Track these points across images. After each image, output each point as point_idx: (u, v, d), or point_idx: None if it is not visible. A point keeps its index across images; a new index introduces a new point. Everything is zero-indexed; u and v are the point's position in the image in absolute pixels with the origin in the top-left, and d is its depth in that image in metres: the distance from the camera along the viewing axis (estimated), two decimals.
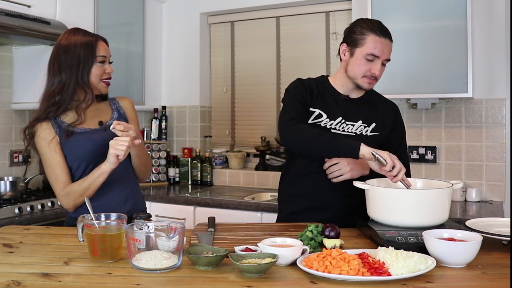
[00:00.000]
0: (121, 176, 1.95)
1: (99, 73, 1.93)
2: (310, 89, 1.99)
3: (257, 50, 3.87)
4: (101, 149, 1.88)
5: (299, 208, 2.02)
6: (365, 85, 1.95)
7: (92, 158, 1.90)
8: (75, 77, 1.89)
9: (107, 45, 1.98)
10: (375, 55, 1.89)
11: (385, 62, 1.93)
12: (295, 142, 1.89)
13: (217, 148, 3.97)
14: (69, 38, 1.91)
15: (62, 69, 1.90)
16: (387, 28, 1.94)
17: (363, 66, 1.91)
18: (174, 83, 4.01)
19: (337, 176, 1.92)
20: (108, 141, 1.87)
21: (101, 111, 2.02)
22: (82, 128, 1.93)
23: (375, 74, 1.91)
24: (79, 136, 1.91)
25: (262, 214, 3.01)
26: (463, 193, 3.02)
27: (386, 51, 1.91)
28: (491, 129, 3.04)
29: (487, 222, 1.70)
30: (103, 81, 1.96)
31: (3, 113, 3.11)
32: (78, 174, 1.92)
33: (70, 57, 1.89)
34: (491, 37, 3.00)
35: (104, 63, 1.94)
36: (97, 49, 1.92)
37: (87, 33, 1.95)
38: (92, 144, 1.91)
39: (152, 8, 3.84)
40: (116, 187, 1.94)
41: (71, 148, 1.89)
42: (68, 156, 1.90)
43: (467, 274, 1.33)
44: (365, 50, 1.89)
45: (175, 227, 1.38)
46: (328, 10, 3.60)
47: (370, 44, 1.88)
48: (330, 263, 1.28)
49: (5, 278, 1.27)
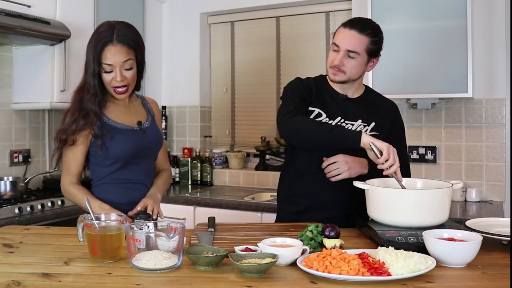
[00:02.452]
0: (144, 181, 1.97)
1: (107, 81, 1.83)
2: (309, 88, 2.00)
3: (257, 50, 3.87)
4: (139, 151, 1.90)
5: (299, 208, 2.02)
6: (331, 76, 1.97)
7: (128, 160, 1.89)
8: (87, 79, 1.83)
9: (124, 46, 1.79)
10: (336, 44, 1.91)
11: (352, 54, 1.90)
12: (294, 133, 1.87)
13: (217, 148, 3.97)
14: (94, 32, 1.84)
15: (85, 66, 1.85)
16: (364, 21, 1.97)
17: (330, 58, 1.95)
18: (174, 83, 4.01)
19: (335, 175, 1.92)
20: (146, 144, 1.91)
21: (136, 109, 1.99)
22: (122, 125, 1.89)
23: (335, 63, 1.91)
24: (122, 135, 1.87)
25: (262, 214, 3.01)
26: (463, 193, 3.02)
27: (346, 41, 1.89)
28: (491, 129, 3.04)
29: (487, 222, 1.70)
30: (114, 89, 1.84)
31: (3, 113, 3.11)
32: (107, 172, 1.89)
33: (86, 55, 1.84)
34: (491, 37, 3.00)
35: (111, 72, 1.81)
36: (103, 56, 1.79)
37: (102, 31, 1.80)
38: (133, 146, 1.88)
39: (152, 8, 3.84)
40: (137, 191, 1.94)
41: (114, 146, 1.85)
42: (106, 153, 1.85)
43: (467, 274, 1.33)
44: (332, 42, 1.94)
45: (175, 227, 1.39)
46: (328, 10, 3.60)
47: (336, 35, 1.93)
48: (330, 263, 1.28)
49: (5, 278, 1.27)
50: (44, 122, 3.34)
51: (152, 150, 2.01)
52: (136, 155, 1.90)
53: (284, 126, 1.88)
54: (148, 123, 1.98)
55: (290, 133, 1.90)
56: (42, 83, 3.00)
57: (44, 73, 2.99)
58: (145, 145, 1.93)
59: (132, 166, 1.91)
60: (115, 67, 1.80)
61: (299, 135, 1.86)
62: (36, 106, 3.13)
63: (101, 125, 1.84)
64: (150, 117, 2.02)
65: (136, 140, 1.89)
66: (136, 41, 1.85)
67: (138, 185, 1.94)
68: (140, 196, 1.92)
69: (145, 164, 1.97)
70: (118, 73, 1.81)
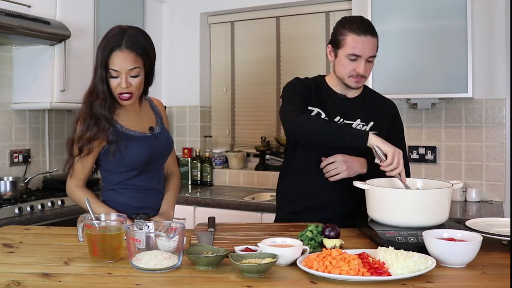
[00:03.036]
0: (157, 187, 1.97)
1: (113, 87, 1.78)
2: (309, 87, 1.99)
3: (257, 50, 3.87)
4: (153, 158, 1.89)
5: (299, 208, 2.01)
6: (352, 84, 1.94)
7: (143, 167, 1.87)
8: (97, 82, 1.78)
9: (132, 53, 1.74)
10: (356, 55, 1.88)
11: (370, 59, 1.90)
12: (301, 130, 1.85)
13: (217, 148, 3.97)
14: (105, 36, 1.78)
15: (94, 70, 1.79)
16: (368, 23, 1.93)
17: (347, 67, 1.91)
18: (174, 83, 4.01)
19: (333, 175, 1.92)
20: (160, 150, 1.89)
21: (145, 113, 1.95)
22: (135, 132, 1.86)
23: (360, 73, 1.90)
24: (136, 142, 1.84)
25: (262, 214, 3.01)
26: (463, 193, 3.02)
27: (367, 49, 1.88)
28: (491, 129, 3.04)
29: (487, 222, 1.70)
30: (119, 95, 1.79)
31: (3, 113, 3.11)
32: (121, 178, 1.87)
33: (95, 59, 1.79)
34: (491, 37, 3.00)
35: (117, 78, 1.76)
36: (110, 61, 1.74)
37: (113, 36, 1.75)
38: (148, 153, 1.86)
39: (152, 8, 3.84)
40: (151, 196, 1.94)
41: (128, 154, 1.82)
42: (121, 161, 1.82)
43: (467, 274, 1.33)
44: (346, 51, 1.88)
45: (175, 227, 1.39)
46: (328, 10, 3.60)
47: (350, 44, 1.87)
48: (330, 263, 1.28)
49: (5, 278, 1.27)
50: (44, 122, 3.34)
51: (165, 155, 1.99)
52: (150, 162, 1.89)
53: (291, 123, 1.86)
54: (159, 127, 1.96)
55: (297, 130, 1.87)
56: (42, 83, 3.00)
57: (44, 73, 2.99)
58: (159, 151, 1.91)
59: (146, 173, 1.90)
60: (121, 73, 1.75)
61: (306, 132, 1.84)
62: (36, 106, 3.13)
63: (114, 131, 1.81)
64: (159, 120, 1.99)
65: (150, 146, 1.87)
66: (145, 49, 1.79)
67: (152, 191, 1.94)
68: (153, 201, 1.93)
69: (158, 169, 1.97)
70: (123, 79, 1.76)
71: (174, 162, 2.12)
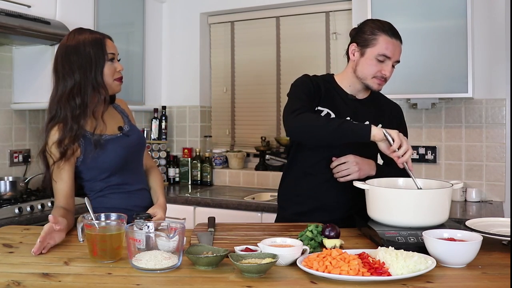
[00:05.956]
0: (141, 183, 1.98)
1: (110, 72, 1.83)
2: (318, 86, 1.96)
3: (257, 50, 3.87)
4: (129, 156, 1.89)
5: (304, 209, 1.99)
6: (374, 86, 1.93)
7: (121, 168, 1.86)
8: (89, 79, 1.78)
9: (113, 42, 1.90)
10: (386, 56, 1.88)
11: (394, 63, 1.91)
12: (301, 131, 1.83)
13: (217, 148, 3.97)
14: (76, 37, 1.82)
15: (75, 70, 1.77)
16: (393, 27, 1.93)
17: (373, 67, 1.90)
18: (174, 83, 4.01)
19: (344, 175, 1.91)
20: (134, 147, 1.90)
21: (112, 115, 1.95)
22: (106, 135, 1.85)
23: (386, 75, 1.90)
24: (109, 146, 1.83)
25: (262, 214, 3.01)
26: (463, 193, 3.02)
27: (397, 52, 1.90)
28: (491, 129, 3.04)
29: (487, 222, 1.70)
30: (116, 80, 1.87)
31: (3, 113, 3.11)
32: (105, 185, 1.86)
33: (81, 57, 1.79)
34: (491, 37, 3.00)
35: (113, 61, 1.85)
36: (106, 46, 1.83)
37: (93, 32, 1.86)
38: (122, 153, 1.86)
39: (152, 8, 3.85)
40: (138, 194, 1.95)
41: (104, 158, 1.81)
42: (99, 167, 1.82)
43: (467, 274, 1.33)
44: (376, 51, 1.88)
45: (175, 227, 1.39)
46: (328, 10, 3.60)
47: (382, 45, 1.87)
48: (330, 263, 1.28)
49: (5, 278, 1.27)
50: (44, 122, 3.33)
51: (140, 151, 2.00)
52: (128, 161, 1.89)
53: (291, 125, 1.84)
54: (127, 125, 1.96)
55: (297, 131, 1.85)
56: (42, 83, 3.00)
57: (44, 73, 2.99)
58: (133, 149, 1.92)
59: (126, 174, 1.89)
60: (115, 56, 1.85)
61: (306, 133, 1.82)
62: (36, 106, 3.13)
63: (85, 140, 1.79)
64: (126, 118, 2.00)
65: (123, 146, 1.87)
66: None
67: (138, 190, 1.94)
68: (142, 198, 1.94)
69: (137, 167, 1.98)
70: (117, 62, 1.86)
71: (148, 156, 2.13)
